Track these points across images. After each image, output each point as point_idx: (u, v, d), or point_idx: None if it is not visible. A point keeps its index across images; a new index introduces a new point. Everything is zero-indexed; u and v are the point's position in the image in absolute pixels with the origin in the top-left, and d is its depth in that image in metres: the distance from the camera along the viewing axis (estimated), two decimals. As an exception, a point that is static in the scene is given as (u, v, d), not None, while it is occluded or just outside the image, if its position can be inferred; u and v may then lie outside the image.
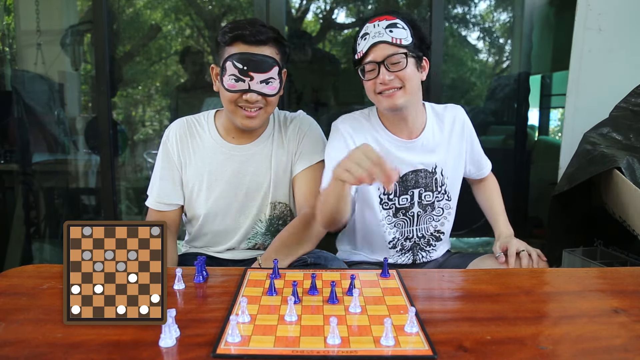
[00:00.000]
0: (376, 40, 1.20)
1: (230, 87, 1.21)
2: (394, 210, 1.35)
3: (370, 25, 1.23)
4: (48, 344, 0.69)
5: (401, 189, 1.34)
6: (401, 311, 0.82)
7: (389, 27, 1.21)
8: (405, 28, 1.22)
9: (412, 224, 1.37)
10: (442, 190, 1.37)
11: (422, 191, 1.35)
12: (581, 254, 1.66)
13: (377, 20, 1.22)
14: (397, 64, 1.20)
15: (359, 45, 1.25)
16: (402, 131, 1.32)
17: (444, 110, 1.39)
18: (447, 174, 1.37)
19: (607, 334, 0.74)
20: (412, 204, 1.35)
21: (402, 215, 1.36)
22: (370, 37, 1.21)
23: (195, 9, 3.08)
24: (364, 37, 1.23)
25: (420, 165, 1.33)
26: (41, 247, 2.71)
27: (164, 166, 1.35)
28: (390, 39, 1.19)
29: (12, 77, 2.63)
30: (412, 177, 1.33)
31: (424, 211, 1.37)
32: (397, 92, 1.22)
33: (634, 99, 1.67)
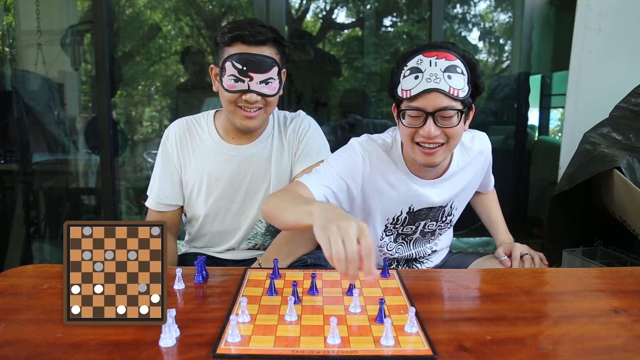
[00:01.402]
0: (432, 87, 1.01)
1: (230, 87, 1.21)
2: (395, 236, 1.29)
3: (425, 59, 1.03)
4: (48, 344, 0.69)
5: (410, 221, 1.25)
6: (401, 311, 0.82)
7: (448, 70, 1.02)
8: (464, 73, 1.05)
9: (409, 247, 1.33)
10: (447, 221, 1.30)
11: (427, 222, 1.28)
12: (581, 254, 1.66)
13: (434, 56, 1.03)
14: (448, 118, 1.04)
15: (406, 80, 1.06)
16: (425, 174, 1.20)
17: (472, 142, 1.26)
18: (457, 206, 1.30)
19: (607, 333, 0.74)
20: (414, 232, 1.29)
21: (401, 240, 1.31)
22: (424, 77, 1.02)
23: (195, 9, 3.08)
24: (414, 73, 1.04)
25: (438, 203, 1.23)
26: (41, 247, 2.71)
27: (163, 167, 1.35)
28: (447, 88, 1.01)
29: (12, 77, 2.63)
30: (425, 212, 1.24)
31: (423, 237, 1.32)
32: (439, 150, 1.07)
33: (634, 98, 1.67)
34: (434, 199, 1.21)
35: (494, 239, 1.41)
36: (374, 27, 2.87)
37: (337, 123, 2.65)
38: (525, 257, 1.22)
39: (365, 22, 2.90)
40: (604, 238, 1.71)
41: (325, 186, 1.12)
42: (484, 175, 1.35)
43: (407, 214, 1.23)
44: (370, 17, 2.90)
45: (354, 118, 2.58)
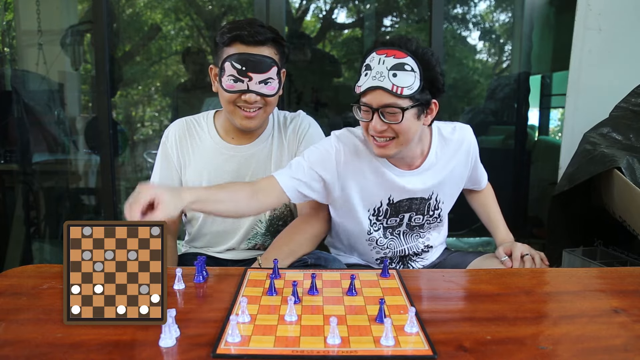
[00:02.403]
0: (376, 84, 1.05)
1: (229, 87, 1.21)
2: (382, 230, 1.29)
3: (376, 57, 1.07)
4: (48, 344, 0.69)
5: (392, 212, 1.26)
6: (401, 311, 0.82)
7: (394, 68, 1.05)
8: (415, 70, 1.06)
9: (400, 242, 1.33)
10: (434, 215, 1.31)
11: (412, 215, 1.28)
12: (581, 254, 1.66)
13: (384, 54, 1.07)
14: (392, 114, 1.07)
15: (360, 77, 1.11)
16: (400, 164, 1.22)
17: (452, 133, 1.27)
18: (442, 199, 1.29)
19: (607, 333, 0.74)
20: (400, 224, 1.29)
21: (389, 235, 1.30)
22: (371, 74, 1.07)
23: (195, 9, 3.08)
24: (366, 70, 1.09)
25: (418, 193, 1.24)
26: (41, 247, 2.71)
27: (163, 167, 1.35)
28: (390, 86, 1.04)
29: (12, 77, 2.63)
30: (405, 204, 1.25)
31: (411, 230, 1.31)
32: (389, 143, 1.11)
33: (634, 99, 1.67)
34: (412, 189, 1.23)
35: (494, 237, 1.40)
36: (374, 27, 2.87)
37: (337, 123, 2.65)
38: (526, 258, 1.22)
39: (365, 22, 2.91)
40: (604, 238, 1.71)
41: (294, 178, 1.17)
42: (471, 169, 1.32)
43: (388, 206, 1.25)
44: (370, 17, 2.90)
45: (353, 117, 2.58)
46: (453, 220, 1.47)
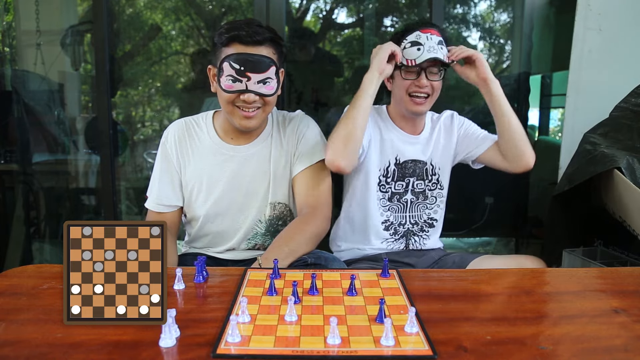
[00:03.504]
0: (432, 56, 1.32)
1: (228, 87, 1.21)
2: (389, 195, 1.46)
3: (423, 35, 1.34)
4: (48, 344, 0.69)
5: (399, 175, 1.46)
6: (401, 311, 0.82)
7: (440, 43, 1.35)
8: (445, 44, 1.37)
9: (405, 209, 1.47)
10: (433, 180, 1.49)
11: (415, 180, 1.48)
12: (581, 254, 1.66)
13: (429, 33, 1.35)
14: (435, 74, 1.36)
15: (408, 50, 1.35)
16: (407, 128, 1.48)
17: (438, 117, 1.55)
18: (438, 165, 1.49)
19: (607, 333, 0.74)
20: (406, 191, 1.46)
21: (396, 201, 1.47)
22: (425, 49, 1.32)
23: (196, 9, 3.08)
24: (416, 46, 1.34)
25: (420, 156, 1.47)
26: (41, 247, 2.71)
27: (162, 168, 1.35)
28: (442, 56, 1.34)
29: (12, 77, 2.63)
30: (410, 166, 1.47)
31: (416, 198, 1.48)
32: (425, 101, 1.38)
33: (634, 99, 1.67)
34: (415, 151, 1.47)
35: None
36: (374, 27, 2.86)
37: (336, 119, 2.65)
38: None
39: (366, 22, 2.90)
40: (604, 238, 1.71)
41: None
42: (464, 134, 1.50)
43: (395, 166, 1.46)
44: (370, 17, 2.90)
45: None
46: (453, 220, 1.47)
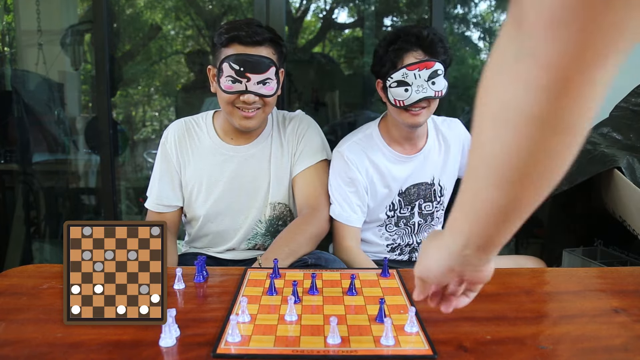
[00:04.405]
0: (422, 96, 1.20)
1: (227, 88, 1.21)
2: (396, 220, 1.39)
3: (410, 73, 1.20)
4: (48, 344, 0.69)
5: (405, 202, 1.38)
6: (401, 311, 0.82)
7: (431, 77, 1.20)
8: (442, 69, 1.21)
9: (412, 232, 1.42)
10: (440, 201, 1.41)
11: (421, 202, 1.39)
12: (581, 254, 1.66)
13: (417, 69, 1.19)
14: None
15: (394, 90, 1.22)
16: (404, 147, 1.35)
17: (442, 124, 1.42)
18: (445, 185, 1.41)
19: (607, 333, 0.74)
20: (412, 214, 1.39)
21: (403, 225, 1.40)
22: (413, 90, 1.20)
23: (196, 8, 3.08)
24: (403, 86, 1.21)
25: (421, 178, 1.37)
26: (41, 246, 2.71)
27: (162, 168, 1.35)
28: (433, 93, 1.20)
29: (12, 77, 2.63)
30: (414, 191, 1.38)
31: (424, 221, 1.41)
32: (422, 111, 1.24)
33: (634, 98, 1.67)
34: (418, 172, 1.36)
35: None
36: (374, 27, 2.86)
37: (337, 122, 2.65)
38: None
39: (365, 22, 2.90)
40: (604, 238, 1.71)
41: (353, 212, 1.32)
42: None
43: (399, 195, 1.37)
44: (370, 17, 2.90)
45: (353, 117, 2.58)
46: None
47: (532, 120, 0.35)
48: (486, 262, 0.52)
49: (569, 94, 0.33)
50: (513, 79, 0.34)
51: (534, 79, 0.33)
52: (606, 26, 0.29)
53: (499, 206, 0.42)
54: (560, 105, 0.33)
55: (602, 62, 0.31)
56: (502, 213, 0.43)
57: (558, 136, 0.36)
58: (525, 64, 0.33)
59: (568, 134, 0.36)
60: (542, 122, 0.35)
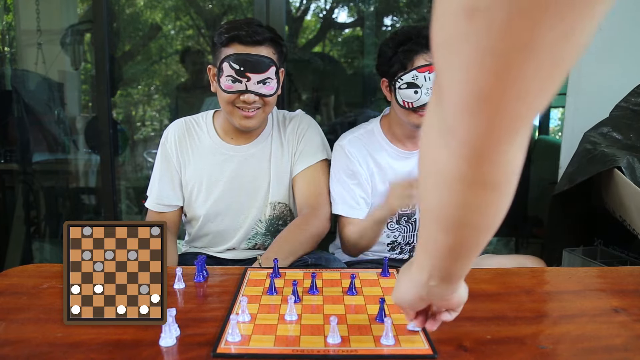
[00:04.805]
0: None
1: (228, 88, 1.21)
2: (397, 217, 1.38)
3: (420, 75, 1.20)
4: (48, 344, 0.69)
5: None
6: (401, 310, 0.82)
7: None
8: None
9: (413, 230, 1.41)
10: None
11: None
12: (581, 254, 1.66)
13: (427, 71, 1.20)
14: None
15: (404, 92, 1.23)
16: (406, 144, 1.36)
17: None
18: None
19: (607, 333, 0.74)
20: (413, 211, 1.38)
21: (404, 222, 1.39)
22: (422, 92, 1.21)
23: (196, 8, 3.08)
24: (413, 88, 1.22)
25: None
26: (41, 246, 2.71)
27: (162, 167, 1.35)
28: None
29: (12, 77, 2.63)
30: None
31: None
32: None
33: (634, 98, 1.67)
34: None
35: None
36: (374, 26, 2.86)
37: (337, 122, 2.65)
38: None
39: (366, 22, 2.90)
40: (604, 237, 1.71)
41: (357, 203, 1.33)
42: None
43: None
44: (370, 17, 2.90)
45: (354, 116, 2.58)
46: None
47: (459, 181, 0.40)
48: (453, 291, 0.58)
49: (487, 162, 0.38)
50: (440, 147, 0.39)
51: (454, 151, 0.38)
52: (509, 114, 0.33)
53: (449, 247, 0.48)
54: (481, 170, 0.38)
55: (511, 138, 0.36)
56: (454, 252, 0.48)
57: (485, 193, 0.41)
58: (446, 139, 0.38)
59: (494, 190, 0.41)
60: (469, 183, 0.40)
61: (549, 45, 0.28)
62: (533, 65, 0.29)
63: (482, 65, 0.30)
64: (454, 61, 0.32)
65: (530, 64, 0.29)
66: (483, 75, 0.30)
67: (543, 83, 0.31)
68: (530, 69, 0.29)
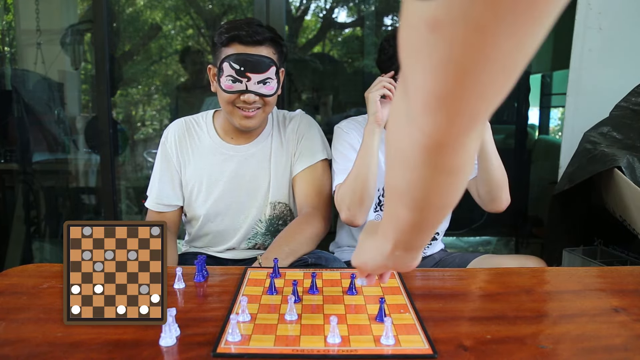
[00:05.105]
0: None
1: (228, 88, 1.21)
2: None
3: None
4: (48, 343, 0.69)
5: None
6: (401, 310, 0.82)
7: None
8: None
9: None
10: None
11: None
12: (581, 253, 1.66)
13: None
14: None
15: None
16: None
17: None
18: None
19: (607, 333, 0.74)
20: None
21: None
22: None
23: (196, 8, 3.08)
24: None
25: None
26: (41, 246, 2.71)
27: (162, 167, 1.35)
28: None
29: (12, 77, 2.63)
30: None
31: None
32: None
33: (634, 98, 1.67)
34: None
35: None
36: (374, 26, 2.86)
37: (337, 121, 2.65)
38: None
39: (366, 22, 2.90)
40: (604, 237, 1.71)
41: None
42: None
43: None
44: (370, 17, 2.90)
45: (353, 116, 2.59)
46: (453, 219, 1.47)
47: (422, 165, 0.44)
48: (414, 259, 0.63)
49: (447, 152, 0.42)
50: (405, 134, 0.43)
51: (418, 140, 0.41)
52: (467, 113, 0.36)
53: (412, 223, 0.52)
54: (442, 158, 0.42)
55: (469, 131, 0.40)
56: (417, 227, 0.53)
57: (446, 177, 0.45)
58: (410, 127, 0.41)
59: (454, 175, 0.45)
60: (430, 168, 0.44)
61: (503, 55, 0.31)
62: (488, 72, 0.32)
63: (443, 71, 0.33)
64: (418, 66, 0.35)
65: (486, 72, 0.32)
66: (444, 80, 0.33)
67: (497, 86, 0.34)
68: (486, 76, 0.33)
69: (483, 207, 1.35)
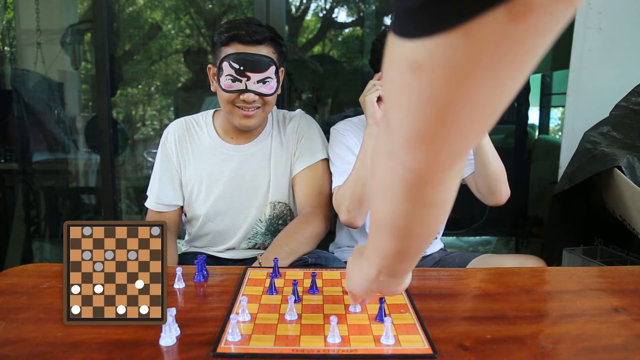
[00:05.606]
0: None
1: (227, 87, 1.21)
2: None
3: None
4: (48, 343, 0.69)
5: None
6: (401, 310, 0.82)
7: None
8: None
9: None
10: None
11: None
12: (581, 253, 1.66)
13: None
14: None
15: None
16: None
17: None
18: None
19: (607, 332, 0.74)
20: None
21: None
22: None
23: (196, 8, 3.08)
24: None
25: None
26: (41, 246, 2.71)
27: (162, 167, 1.35)
28: None
29: (12, 76, 2.63)
30: None
31: None
32: None
33: (635, 97, 1.67)
34: None
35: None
36: (374, 26, 2.86)
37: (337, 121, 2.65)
38: None
39: (366, 22, 2.90)
40: (604, 237, 1.71)
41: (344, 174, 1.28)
42: None
43: None
44: (370, 17, 2.90)
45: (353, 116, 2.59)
46: (453, 219, 1.47)
47: (403, 198, 0.45)
48: (399, 284, 0.63)
49: (428, 186, 0.43)
50: (388, 169, 0.44)
51: (400, 174, 0.42)
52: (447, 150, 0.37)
53: (396, 251, 0.53)
54: (424, 192, 0.43)
55: (449, 167, 0.41)
56: (400, 255, 0.54)
57: (428, 210, 0.46)
58: (393, 162, 0.42)
59: (435, 208, 0.46)
60: (412, 201, 0.45)
61: (482, 98, 0.32)
62: (468, 113, 0.33)
63: (423, 111, 0.34)
64: (400, 104, 0.35)
65: (465, 112, 0.33)
66: (424, 119, 0.34)
67: (477, 127, 0.35)
68: (466, 116, 0.34)
69: (484, 201, 1.35)
